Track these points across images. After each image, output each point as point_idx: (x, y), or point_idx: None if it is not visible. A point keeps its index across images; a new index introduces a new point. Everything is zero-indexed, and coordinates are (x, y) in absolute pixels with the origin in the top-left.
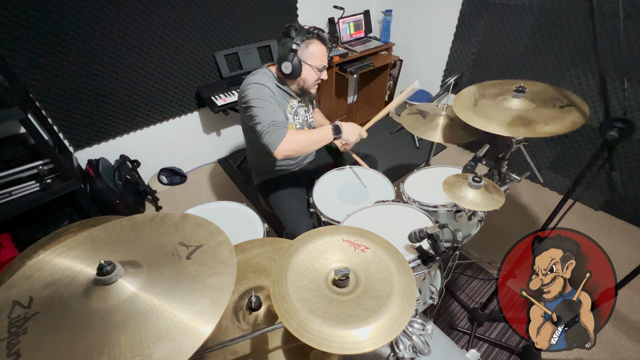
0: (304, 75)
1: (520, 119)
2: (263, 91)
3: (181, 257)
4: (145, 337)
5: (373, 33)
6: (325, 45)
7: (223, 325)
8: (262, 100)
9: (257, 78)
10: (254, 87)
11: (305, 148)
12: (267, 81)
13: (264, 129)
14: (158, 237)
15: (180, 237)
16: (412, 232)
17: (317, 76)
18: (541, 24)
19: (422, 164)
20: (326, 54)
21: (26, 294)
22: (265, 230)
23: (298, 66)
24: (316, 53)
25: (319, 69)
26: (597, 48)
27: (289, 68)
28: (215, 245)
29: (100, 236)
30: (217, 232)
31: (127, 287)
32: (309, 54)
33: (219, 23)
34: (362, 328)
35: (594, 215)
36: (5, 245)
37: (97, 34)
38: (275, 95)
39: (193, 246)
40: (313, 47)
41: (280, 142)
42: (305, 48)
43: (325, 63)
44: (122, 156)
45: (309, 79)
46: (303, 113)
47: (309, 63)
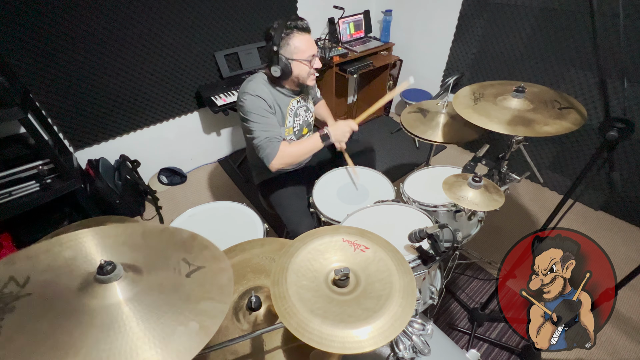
0: (296, 72)
1: (520, 119)
2: (258, 104)
3: (181, 274)
4: (124, 349)
5: (373, 33)
6: (306, 33)
7: (223, 325)
8: (256, 114)
9: (252, 86)
10: (250, 99)
11: (297, 159)
12: (263, 89)
13: (259, 144)
14: (165, 247)
15: (185, 253)
16: (412, 232)
17: (309, 68)
18: (541, 24)
19: (422, 164)
20: (311, 41)
21: (25, 273)
22: (265, 230)
23: (286, 66)
24: (300, 45)
25: (309, 60)
26: (597, 48)
27: (277, 71)
28: (217, 270)
29: (110, 233)
30: (221, 258)
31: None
32: (292, 50)
33: (219, 23)
34: (362, 328)
35: (594, 215)
36: (5, 245)
37: (97, 34)
38: (271, 103)
39: (195, 266)
40: (295, 41)
41: (274, 157)
42: (287, 45)
43: (313, 51)
44: (122, 156)
45: (302, 73)
46: (303, 113)
47: (295, 59)
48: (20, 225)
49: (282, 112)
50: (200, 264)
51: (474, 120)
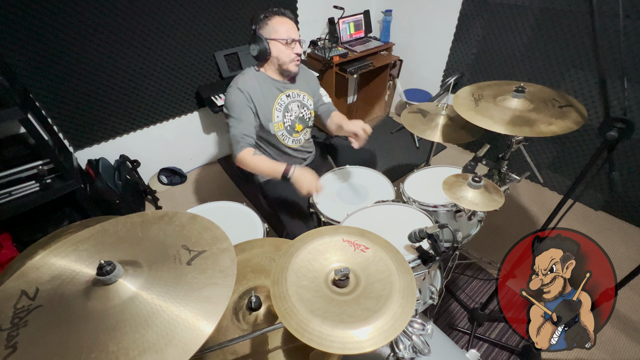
0: (274, 53)
1: (520, 119)
2: (239, 98)
3: (182, 262)
4: (132, 346)
5: (373, 33)
6: (286, 17)
7: (223, 325)
8: (234, 109)
9: (240, 80)
10: (233, 93)
11: (254, 171)
12: (249, 83)
13: (230, 138)
14: (163, 237)
15: (184, 240)
16: (412, 232)
17: (288, 51)
18: (541, 24)
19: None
20: (292, 27)
21: (33, 285)
22: (265, 230)
23: (264, 46)
24: (277, 27)
25: (287, 42)
26: (597, 48)
27: (255, 50)
28: (218, 252)
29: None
30: (222, 238)
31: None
32: (271, 30)
33: (219, 23)
34: (362, 328)
35: (594, 215)
36: (5, 245)
37: (97, 34)
38: (256, 97)
39: (195, 251)
40: (273, 22)
41: (236, 157)
42: (265, 25)
43: (292, 35)
44: (122, 156)
45: (282, 56)
46: (297, 109)
47: (273, 38)
48: (20, 225)
49: (269, 106)
50: (200, 248)
51: (476, 122)
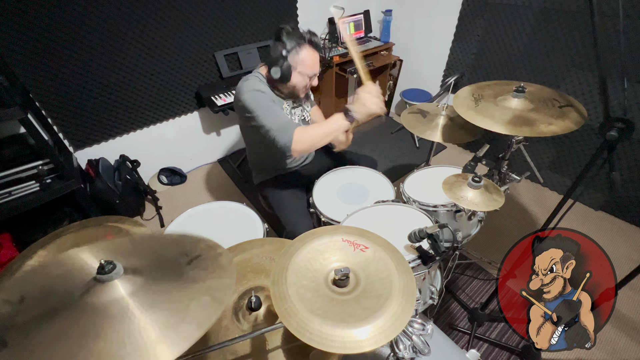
0: (294, 82)
1: (520, 119)
2: (262, 97)
3: (181, 264)
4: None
5: (373, 33)
6: (317, 52)
7: (223, 325)
8: (263, 107)
9: (251, 84)
10: (252, 94)
11: (318, 141)
12: (262, 86)
13: (275, 135)
14: (158, 249)
15: (180, 249)
16: (412, 232)
17: (306, 82)
18: (541, 24)
19: (422, 164)
20: (318, 61)
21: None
22: (265, 230)
23: (287, 72)
24: (307, 60)
25: (309, 76)
26: (597, 48)
27: (277, 73)
28: (215, 255)
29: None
30: (215, 246)
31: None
32: (299, 61)
33: (219, 23)
34: (362, 328)
35: (594, 215)
36: (5, 245)
37: (97, 34)
38: (270, 98)
39: (193, 255)
40: (304, 54)
41: (291, 143)
42: (296, 54)
43: (316, 71)
44: (122, 156)
45: (299, 85)
46: (300, 112)
47: (299, 70)
48: (20, 225)
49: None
50: (197, 253)
51: (476, 122)
